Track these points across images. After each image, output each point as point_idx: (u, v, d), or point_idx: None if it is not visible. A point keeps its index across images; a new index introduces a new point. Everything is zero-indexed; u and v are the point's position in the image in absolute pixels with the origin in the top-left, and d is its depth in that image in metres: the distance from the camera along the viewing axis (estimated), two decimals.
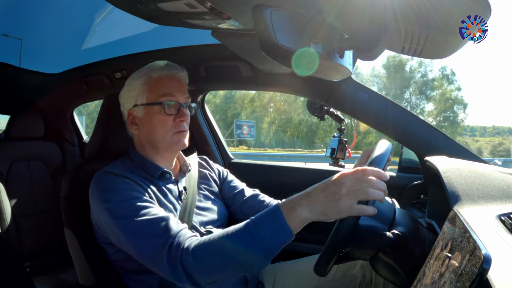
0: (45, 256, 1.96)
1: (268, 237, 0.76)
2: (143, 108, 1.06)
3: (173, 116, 1.04)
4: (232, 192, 1.25)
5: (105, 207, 0.94)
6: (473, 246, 0.49)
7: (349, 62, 0.77)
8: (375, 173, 0.74)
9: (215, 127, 1.94)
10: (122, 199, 0.93)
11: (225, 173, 1.31)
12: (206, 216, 1.12)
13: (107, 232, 0.97)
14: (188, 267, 0.82)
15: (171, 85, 1.06)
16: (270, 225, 0.76)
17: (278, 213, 0.76)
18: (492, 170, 0.89)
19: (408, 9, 0.59)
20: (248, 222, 0.79)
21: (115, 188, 0.96)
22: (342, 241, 0.77)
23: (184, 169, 1.16)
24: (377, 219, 0.83)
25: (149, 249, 0.87)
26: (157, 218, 0.90)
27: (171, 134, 1.05)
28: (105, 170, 1.03)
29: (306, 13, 0.65)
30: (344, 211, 0.72)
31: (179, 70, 1.10)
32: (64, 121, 2.37)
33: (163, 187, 1.07)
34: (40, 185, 2.05)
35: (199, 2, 0.65)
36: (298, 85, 1.51)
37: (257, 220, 0.78)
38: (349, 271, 1.17)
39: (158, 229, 0.88)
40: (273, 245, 0.77)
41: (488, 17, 0.59)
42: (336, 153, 1.51)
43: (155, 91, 1.05)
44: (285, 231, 0.75)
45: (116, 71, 1.86)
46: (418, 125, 1.35)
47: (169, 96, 1.04)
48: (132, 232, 0.90)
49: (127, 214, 0.91)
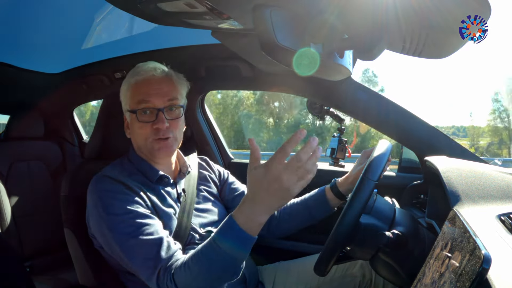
0: (45, 256, 1.96)
1: (232, 248, 0.79)
2: (129, 115, 1.06)
3: (150, 123, 1.02)
4: (233, 194, 1.25)
5: (102, 217, 0.94)
6: (473, 246, 0.49)
7: (349, 62, 0.77)
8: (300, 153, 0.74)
9: (215, 127, 1.94)
10: (119, 213, 0.93)
11: (226, 174, 1.30)
12: (205, 217, 1.11)
13: (100, 240, 0.98)
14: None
15: (147, 90, 1.02)
16: (229, 237, 0.79)
17: (233, 224, 0.79)
18: (492, 170, 0.89)
19: (409, 9, 0.59)
20: (210, 240, 0.82)
21: (114, 198, 0.95)
22: (342, 241, 0.77)
23: (183, 170, 1.15)
24: (377, 219, 0.83)
25: (141, 269, 0.90)
26: (152, 240, 0.91)
27: (150, 140, 1.03)
28: (103, 174, 1.02)
29: (307, 13, 0.65)
30: (294, 193, 0.74)
31: (159, 72, 1.05)
32: (64, 121, 2.37)
33: (162, 190, 1.06)
34: (40, 185, 2.05)
35: (199, 2, 0.65)
36: (298, 85, 1.51)
37: (216, 237, 0.81)
38: (348, 271, 1.17)
39: (151, 251, 0.89)
40: (239, 253, 0.80)
41: (488, 17, 0.59)
42: (336, 153, 1.51)
43: (133, 97, 1.03)
44: (245, 237, 0.78)
45: (116, 71, 1.86)
46: (418, 125, 1.35)
47: (144, 103, 1.01)
48: (126, 250, 0.91)
49: (123, 230, 0.91)
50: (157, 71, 1.05)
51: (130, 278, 1.04)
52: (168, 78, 1.06)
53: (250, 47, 0.93)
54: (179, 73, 1.12)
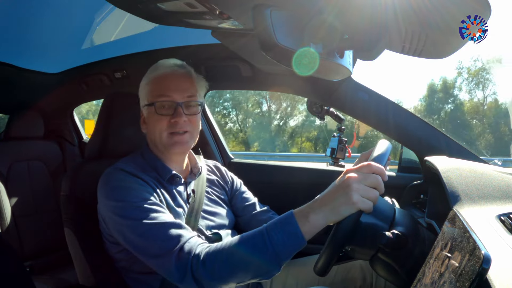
0: (45, 256, 1.96)
1: (280, 242, 0.76)
2: (147, 108, 1.06)
3: (168, 117, 1.03)
4: (244, 203, 1.23)
5: (116, 206, 0.93)
6: (473, 246, 0.49)
7: (349, 62, 0.77)
8: (379, 170, 0.75)
9: (215, 127, 1.94)
10: (133, 200, 0.92)
11: (239, 184, 1.29)
12: (213, 220, 1.11)
13: (113, 230, 0.96)
14: (197, 273, 0.82)
15: (167, 85, 1.04)
16: (283, 230, 0.76)
17: (291, 219, 0.76)
18: (492, 170, 0.89)
19: (409, 9, 0.59)
20: (261, 228, 0.80)
21: (127, 187, 0.95)
22: (342, 241, 0.77)
23: (195, 171, 1.15)
24: (377, 219, 0.83)
25: (157, 251, 0.87)
26: (167, 223, 0.89)
27: (166, 134, 1.03)
28: (117, 167, 1.01)
29: (306, 13, 0.65)
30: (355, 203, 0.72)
31: (180, 67, 1.08)
32: (64, 121, 2.37)
33: (173, 190, 1.06)
34: (40, 185, 2.05)
35: (199, 2, 0.65)
36: (298, 85, 1.51)
37: (270, 226, 0.79)
38: (349, 274, 1.16)
39: (168, 233, 0.87)
40: (285, 251, 0.77)
41: (488, 17, 0.59)
42: (336, 153, 1.51)
43: (153, 91, 1.05)
44: (297, 237, 0.75)
45: (116, 71, 1.87)
46: (418, 125, 1.35)
47: (164, 97, 1.03)
48: (141, 234, 0.89)
49: (138, 216, 0.90)
50: (179, 67, 1.07)
51: (135, 277, 1.03)
52: (189, 76, 1.08)
53: (250, 47, 0.93)
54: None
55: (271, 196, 1.30)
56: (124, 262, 1.03)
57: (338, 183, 0.75)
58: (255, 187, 1.31)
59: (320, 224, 0.75)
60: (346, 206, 0.72)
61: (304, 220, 0.75)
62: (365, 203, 0.71)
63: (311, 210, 0.75)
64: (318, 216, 0.74)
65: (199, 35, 1.47)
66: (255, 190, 1.31)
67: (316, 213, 0.74)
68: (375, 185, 0.73)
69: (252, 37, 0.85)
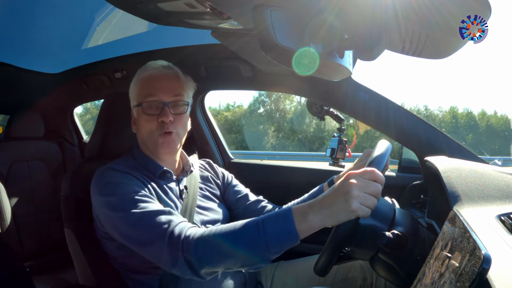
0: (45, 256, 1.96)
1: (274, 236, 0.76)
2: (136, 109, 1.08)
3: (156, 117, 1.04)
4: (236, 196, 1.25)
5: (106, 201, 0.95)
6: (473, 246, 0.49)
7: (349, 62, 0.77)
8: (381, 178, 0.75)
9: (215, 127, 1.94)
10: (123, 193, 0.94)
11: (230, 177, 1.30)
12: (207, 215, 1.12)
13: (107, 226, 0.97)
14: (189, 255, 0.82)
15: (154, 85, 1.05)
16: (278, 225, 0.77)
17: (288, 215, 0.76)
18: (492, 170, 0.89)
19: (409, 9, 0.59)
20: (257, 219, 0.80)
21: (118, 182, 0.96)
22: (342, 241, 0.77)
23: (186, 169, 1.16)
24: (377, 219, 0.83)
25: (149, 238, 0.87)
26: (157, 211, 0.90)
27: (156, 135, 1.04)
28: (107, 167, 1.03)
29: (306, 13, 0.65)
30: (353, 209, 0.71)
31: (166, 68, 1.09)
32: (64, 121, 2.37)
33: (164, 185, 1.08)
34: (40, 185, 2.05)
35: (199, 2, 0.65)
36: (298, 85, 1.51)
37: (266, 218, 0.79)
38: (349, 274, 1.16)
39: (158, 220, 0.88)
40: (276, 245, 0.77)
41: (488, 17, 0.59)
42: (336, 153, 1.51)
43: (141, 92, 1.06)
44: (291, 233, 0.75)
45: (116, 71, 1.86)
46: (418, 125, 1.35)
47: (151, 96, 1.04)
48: (132, 224, 0.90)
49: (128, 207, 0.91)
50: (166, 68, 1.09)
51: (133, 277, 1.04)
52: (176, 76, 1.09)
53: (250, 47, 0.93)
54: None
55: (271, 196, 1.30)
56: (121, 259, 1.03)
57: (339, 187, 0.74)
58: (255, 187, 1.31)
59: (317, 225, 0.75)
60: (345, 213, 0.72)
61: (302, 219, 0.75)
62: (363, 211, 0.71)
63: (309, 211, 0.75)
64: (316, 218, 0.74)
65: (199, 35, 1.47)
66: (255, 190, 1.32)
67: (315, 214, 0.74)
68: (375, 194, 0.73)
69: (252, 37, 0.85)
